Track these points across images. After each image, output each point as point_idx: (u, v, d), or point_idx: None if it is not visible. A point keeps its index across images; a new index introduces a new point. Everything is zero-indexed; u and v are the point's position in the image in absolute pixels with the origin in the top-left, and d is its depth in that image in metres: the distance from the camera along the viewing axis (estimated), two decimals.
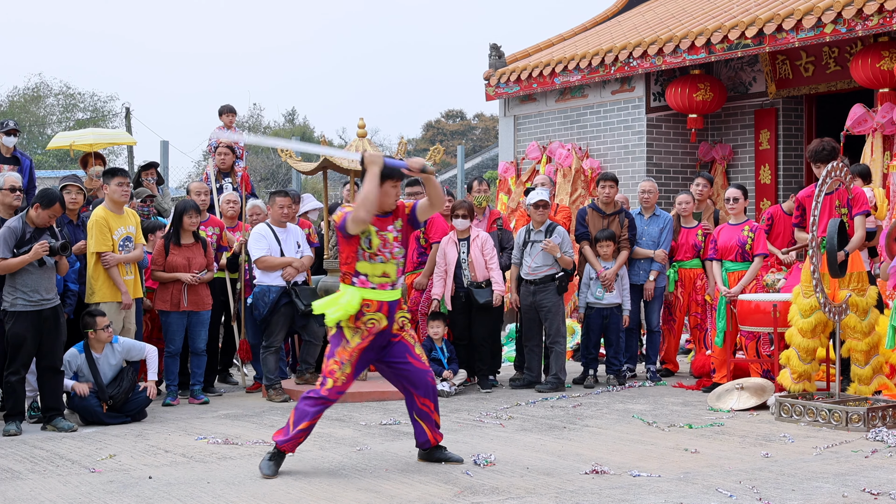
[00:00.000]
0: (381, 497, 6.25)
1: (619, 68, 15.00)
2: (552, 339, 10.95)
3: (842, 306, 8.85)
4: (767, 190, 14.90)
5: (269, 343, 10.22)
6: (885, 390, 9.18)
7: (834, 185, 9.05)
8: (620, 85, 15.60)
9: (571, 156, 15.67)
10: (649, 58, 14.51)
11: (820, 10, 12.29)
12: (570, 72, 15.82)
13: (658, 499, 6.14)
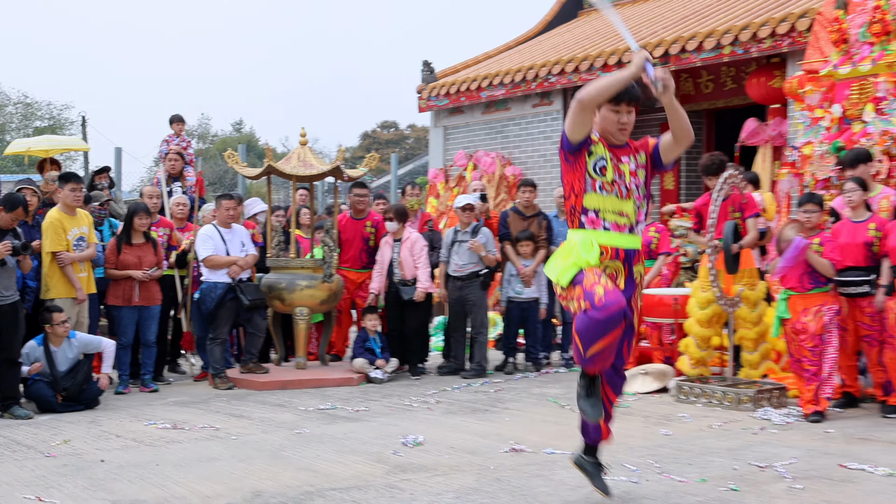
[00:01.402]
0: (318, 476, 6.26)
1: (539, 84, 15.09)
2: (476, 330, 11.01)
3: (735, 299, 9.02)
4: (671, 195, 15.06)
5: (216, 335, 10.17)
6: (771, 374, 9.39)
7: (728, 192, 9.21)
8: (540, 99, 15.68)
9: (495, 163, 15.73)
10: (566, 74, 14.61)
11: (719, 33, 12.49)
12: (494, 87, 15.89)
13: (570, 474, 6.18)
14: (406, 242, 10.91)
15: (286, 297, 10.59)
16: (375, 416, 8.46)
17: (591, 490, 5.79)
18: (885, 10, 9.59)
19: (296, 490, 5.88)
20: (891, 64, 9.45)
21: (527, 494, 5.72)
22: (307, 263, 10.76)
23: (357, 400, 9.33)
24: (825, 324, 8.11)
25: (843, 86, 9.86)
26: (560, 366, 11.46)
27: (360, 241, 11.31)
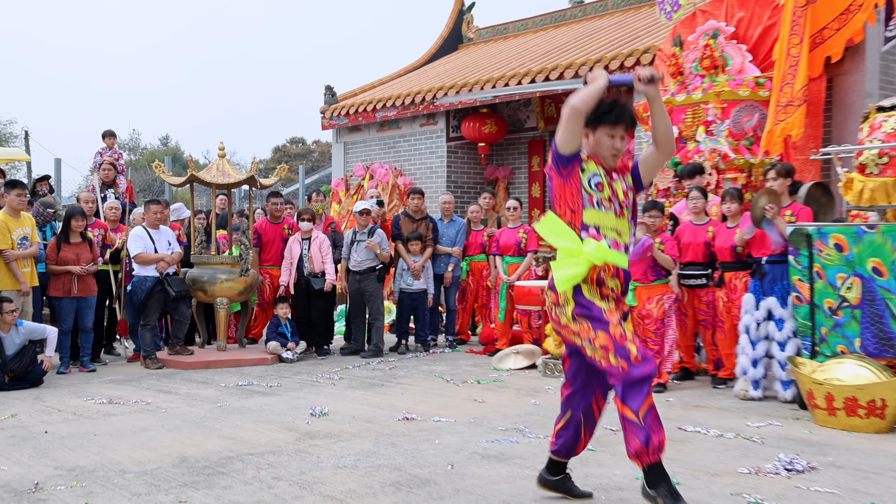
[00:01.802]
0: (237, 443, 6.18)
1: (426, 106, 15.12)
2: (373, 316, 10.99)
3: None
4: (538, 202, 15.25)
5: (146, 322, 10.01)
6: None
7: None
8: (427, 119, 15.72)
9: (389, 174, 15.73)
10: (449, 98, 14.65)
11: (577, 65, 12.68)
12: (388, 108, 15.88)
13: (454, 438, 6.25)
14: (315, 241, 10.87)
15: (208, 289, 10.49)
16: (287, 391, 8.38)
17: (472, 452, 5.84)
18: (713, 49, 9.87)
19: (218, 455, 5.80)
20: (718, 93, 9.71)
21: (417, 456, 5.73)
22: (226, 260, 10.67)
23: (271, 377, 9.24)
24: (665, 310, 8.31)
25: (680, 111, 10.11)
26: (445, 346, 11.51)
27: (279, 242, 11.25)
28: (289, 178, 30.90)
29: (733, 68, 9.82)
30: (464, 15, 19.33)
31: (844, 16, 9.38)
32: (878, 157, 7.08)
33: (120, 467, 5.51)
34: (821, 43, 9.51)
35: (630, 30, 14.11)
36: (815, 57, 9.55)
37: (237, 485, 5.08)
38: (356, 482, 5.11)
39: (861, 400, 6.43)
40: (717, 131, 9.67)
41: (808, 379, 6.78)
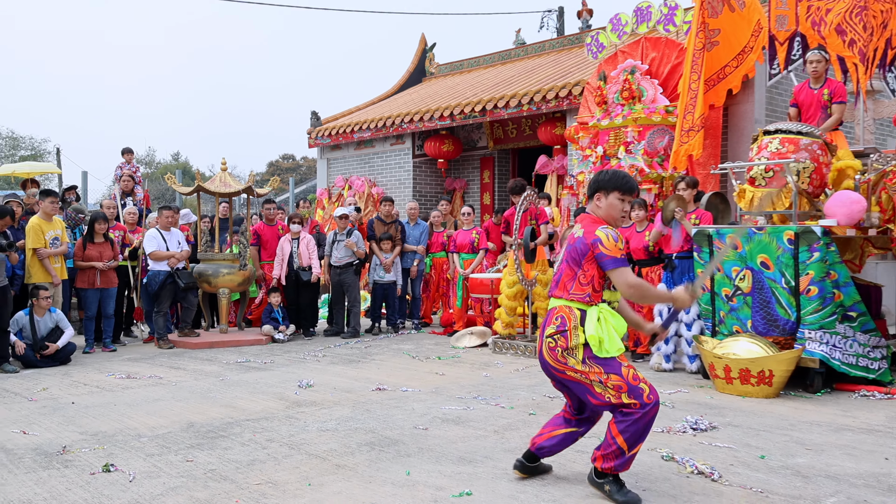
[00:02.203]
0: (236, 410, 6.09)
1: (395, 129, 15.06)
2: (351, 304, 10.92)
3: (532, 280, 9.19)
4: (488, 209, 15.25)
5: (159, 309, 9.86)
6: None
7: (527, 206, 9.36)
8: (396, 140, 15.65)
9: (364, 185, 15.64)
10: (414, 123, 14.63)
11: (520, 95, 12.69)
12: (363, 130, 15.79)
13: (419, 405, 6.21)
14: (303, 240, 10.81)
15: (212, 281, 10.36)
16: (279, 367, 8.28)
17: (434, 416, 5.81)
18: (631, 82, 9.91)
19: (220, 421, 5.70)
20: (635, 119, 9.76)
21: (387, 420, 5.68)
22: (227, 256, 10.54)
23: (265, 355, 9.12)
24: None
25: (604, 133, 10.15)
26: (412, 329, 11.46)
27: (275, 242, 11.14)
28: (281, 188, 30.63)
29: (647, 98, 9.87)
30: (427, 53, 19.29)
31: (741, 55, 9.49)
32: (765, 171, 7.14)
33: (136, 432, 5.40)
34: (724, 78, 9.60)
35: (564, 67, 14.14)
36: (720, 89, 9.63)
37: (236, 446, 5.00)
38: (337, 443, 5.05)
39: (753, 371, 6.48)
40: (634, 150, 9.72)
41: (710, 354, 6.83)
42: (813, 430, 5.32)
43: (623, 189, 4.04)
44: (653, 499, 3.92)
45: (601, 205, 4.08)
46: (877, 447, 4.89)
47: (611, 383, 3.84)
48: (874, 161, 7.65)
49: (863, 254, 7.58)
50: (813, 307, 6.61)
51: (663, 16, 10.19)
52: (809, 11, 8.74)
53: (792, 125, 7.19)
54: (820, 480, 4.21)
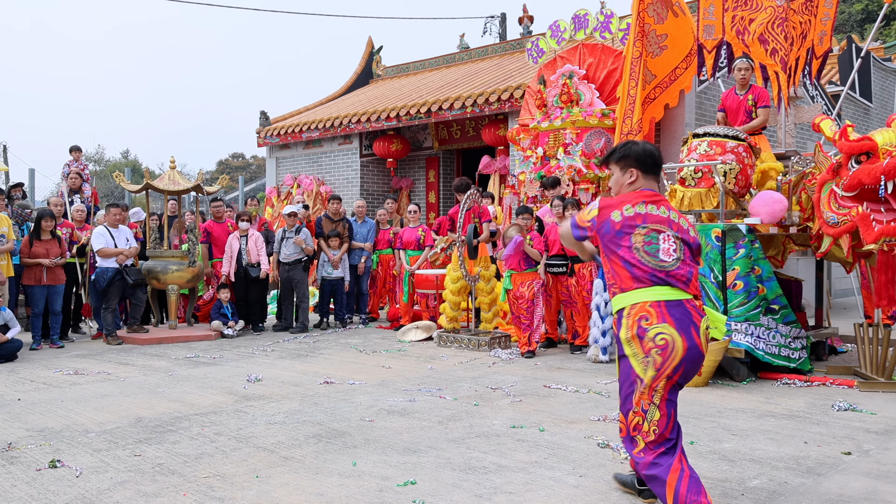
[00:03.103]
0: (185, 405, 5.97)
1: (343, 129, 14.95)
2: (300, 299, 10.82)
3: (475, 276, 9.22)
4: (434, 207, 15.27)
5: (108, 305, 9.61)
6: (500, 326, 9.64)
7: (471, 204, 9.39)
8: (344, 140, 15.54)
9: (313, 184, 15.49)
10: (362, 123, 14.54)
11: (463, 98, 12.71)
12: (312, 130, 15.63)
13: (366, 397, 6.18)
14: (252, 238, 10.66)
15: (161, 278, 10.15)
16: (228, 362, 8.16)
17: (380, 408, 5.78)
18: (570, 86, 10.01)
19: (168, 416, 5.58)
20: (573, 121, 9.86)
21: (335, 412, 5.64)
22: (177, 253, 10.34)
23: (214, 350, 8.98)
24: (535, 292, 8.39)
25: (544, 135, 10.23)
26: (359, 323, 11.40)
27: (224, 239, 10.97)
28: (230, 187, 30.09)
29: (585, 102, 9.98)
30: (374, 55, 19.19)
31: (689, 58, 9.53)
32: (695, 172, 7.28)
33: (84, 428, 5.26)
34: (676, 79, 9.65)
35: (505, 70, 14.22)
36: (673, 90, 9.68)
37: (184, 440, 4.90)
38: (284, 435, 5.00)
39: None
40: (573, 151, 9.82)
41: None
42: (739, 417, 5.45)
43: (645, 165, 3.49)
44: (588, 484, 3.96)
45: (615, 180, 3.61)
46: (797, 432, 5.03)
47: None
48: (795, 163, 7.88)
49: (784, 250, 7.78)
50: (739, 301, 6.76)
51: (600, 23, 10.32)
52: (734, 21, 8.93)
53: (719, 129, 7.35)
54: (745, 464, 4.32)
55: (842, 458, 4.42)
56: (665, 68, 9.61)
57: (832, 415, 5.51)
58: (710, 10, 9.13)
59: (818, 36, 8.34)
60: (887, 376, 6.47)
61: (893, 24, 28.27)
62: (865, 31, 27.74)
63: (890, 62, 17.40)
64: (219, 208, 11.25)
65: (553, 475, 4.10)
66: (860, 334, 6.76)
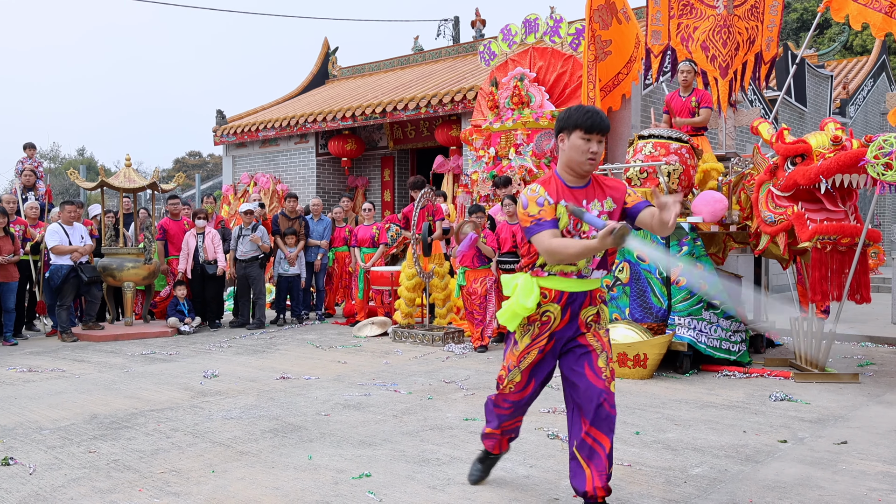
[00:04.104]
0: (141, 401, 5.85)
1: (300, 128, 14.81)
2: (257, 296, 10.69)
3: (430, 273, 9.21)
4: (388, 205, 15.22)
5: (62, 303, 9.39)
6: (454, 322, 9.64)
7: (425, 203, 9.37)
8: (300, 139, 15.40)
9: (269, 182, 15.33)
10: (318, 123, 14.42)
11: (417, 98, 12.70)
12: (268, 129, 15.45)
13: (322, 392, 6.14)
14: (208, 235, 10.50)
15: (117, 275, 9.94)
16: (184, 358, 8.02)
17: (336, 403, 5.75)
18: (521, 89, 10.06)
19: (124, 412, 5.47)
20: (524, 122, 9.92)
21: (291, 407, 5.59)
22: (132, 250, 10.13)
23: (171, 347, 8.82)
24: (488, 288, 8.42)
25: (496, 136, 10.26)
26: (315, 320, 11.31)
27: (181, 236, 10.78)
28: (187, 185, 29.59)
29: (535, 104, 10.04)
30: (329, 56, 19.05)
31: (629, 63, 9.71)
32: (640, 172, 7.38)
33: (37, 425, 5.12)
34: (618, 84, 9.79)
35: (459, 72, 14.24)
36: (616, 95, 9.80)
37: (140, 436, 4.81)
38: (241, 430, 4.93)
39: (630, 354, 6.70)
40: (524, 152, 9.87)
41: None
42: (682, 408, 5.54)
43: (585, 126, 3.22)
44: (538, 474, 3.99)
45: (564, 147, 3.30)
46: (736, 421, 5.13)
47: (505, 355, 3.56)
48: (734, 164, 8.04)
49: (725, 247, 7.94)
50: (682, 296, 6.87)
51: (549, 28, 10.39)
52: (679, 28, 9.08)
53: (664, 131, 7.45)
54: (687, 453, 4.39)
55: (778, 446, 4.52)
56: (609, 73, 9.72)
57: (769, 405, 5.64)
58: (658, 16, 9.27)
59: (765, 42, 8.51)
60: (821, 367, 6.64)
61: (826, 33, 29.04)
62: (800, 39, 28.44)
63: (823, 69, 17.87)
64: (175, 206, 11.06)
65: (504, 466, 4.11)
66: (796, 328, 6.92)
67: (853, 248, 6.34)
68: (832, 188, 6.15)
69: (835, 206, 6.21)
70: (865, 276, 6.56)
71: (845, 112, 18.03)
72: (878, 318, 10.02)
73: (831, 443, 4.59)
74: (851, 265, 6.38)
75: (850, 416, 5.30)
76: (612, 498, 3.62)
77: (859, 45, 27.36)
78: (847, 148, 6.06)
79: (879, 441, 4.64)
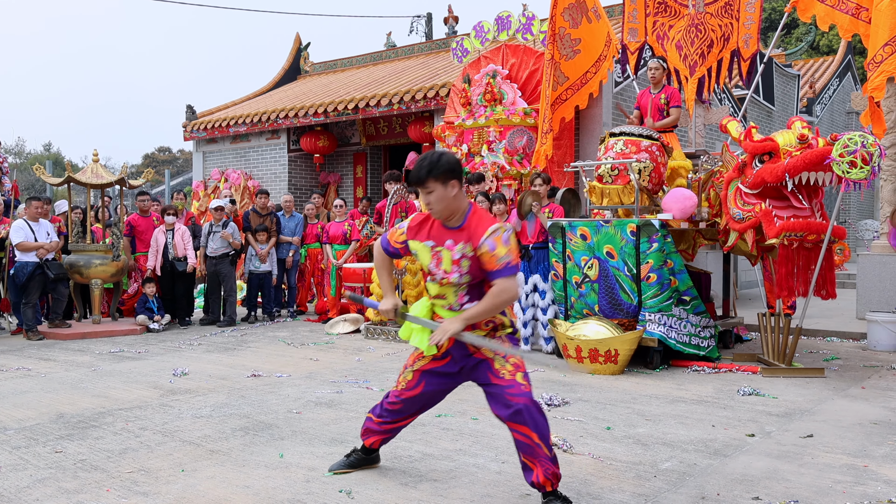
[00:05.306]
0: (109, 400, 5.77)
1: (271, 124, 14.69)
2: (227, 293, 10.59)
3: (402, 270, 9.17)
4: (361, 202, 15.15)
5: (28, 300, 9.22)
6: None
7: (398, 199, 9.36)
8: (272, 135, 15.27)
9: (240, 178, 15.19)
10: (289, 119, 14.32)
11: (390, 95, 12.65)
12: (239, 125, 15.31)
13: (293, 390, 6.10)
14: (178, 232, 10.38)
15: (84, 272, 9.78)
16: (153, 356, 7.93)
17: (307, 400, 5.71)
18: (493, 86, 10.07)
19: (91, 411, 5.39)
20: (497, 119, 9.92)
21: (262, 405, 5.55)
22: (100, 247, 9.98)
23: (140, 345, 8.71)
24: None
25: (469, 133, 10.26)
26: (287, 317, 11.24)
27: (150, 233, 10.64)
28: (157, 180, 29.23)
29: (508, 101, 10.05)
30: (301, 52, 18.92)
31: (598, 63, 9.77)
32: (612, 170, 7.43)
33: (2, 425, 5.02)
34: (586, 83, 9.84)
35: (431, 69, 14.21)
36: (583, 93, 9.84)
37: (108, 435, 4.74)
38: (211, 429, 4.88)
39: (601, 350, 6.74)
40: (496, 149, 9.88)
41: (563, 335, 7.05)
42: (652, 403, 5.59)
43: (410, 182, 3.49)
44: (510, 469, 4.00)
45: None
46: (705, 416, 5.19)
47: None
48: (704, 162, 8.12)
49: (695, 244, 8.02)
50: (652, 292, 6.93)
51: (522, 25, 10.41)
52: (655, 26, 9.16)
53: (634, 128, 7.50)
54: (657, 447, 4.43)
55: (746, 440, 4.58)
56: (577, 71, 9.78)
57: (738, 399, 5.71)
58: (634, 13, 9.33)
59: (743, 39, 8.59)
60: (787, 362, 6.74)
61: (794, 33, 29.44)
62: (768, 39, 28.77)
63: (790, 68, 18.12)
64: (144, 202, 10.92)
65: (476, 462, 4.12)
66: (763, 323, 7.02)
67: (819, 244, 6.44)
68: (799, 186, 6.24)
69: (801, 204, 6.30)
70: (831, 272, 6.67)
71: (812, 111, 18.31)
72: (843, 313, 10.19)
73: (798, 436, 4.66)
74: (817, 262, 6.48)
75: (816, 409, 5.38)
76: (584, 492, 3.64)
77: (825, 45, 27.79)
78: (813, 146, 6.15)
79: (844, 434, 4.72)
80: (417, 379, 3.69)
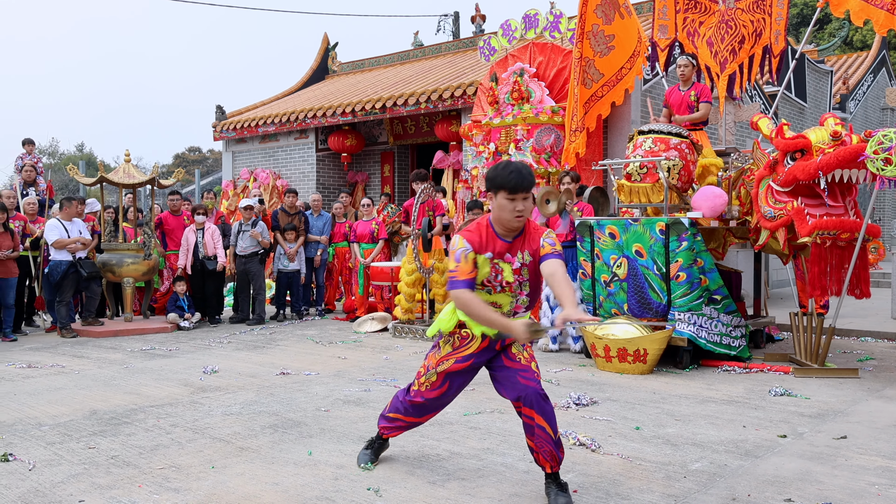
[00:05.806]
0: (140, 397, 5.85)
1: (299, 124, 14.78)
2: (257, 291, 10.68)
3: (430, 269, 9.20)
4: (388, 201, 15.17)
5: (61, 299, 9.38)
6: None
7: (425, 198, 9.37)
8: (300, 134, 15.37)
9: (269, 177, 15.30)
10: (318, 118, 14.39)
11: (417, 94, 12.66)
12: (268, 125, 15.43)
13: (322, 388, 6.13)
14: (208, 231, 10.50)
15: (116, 271, 9.93)
16: (184, 354, 8.02)
17: (335, 398, 5.74)
18: (521, 84, 10.03)
19: (123, 408, 5.46)
20: (524, 118, 9.89)
21: (291, 403, 5.58)
22: (132, 246, 10.12)
23: (170, 342, 8.81)
24: None
25: (496, 131, 10.24)
26: (315, 315, 11.30)
27: (181, 232, 10.79)
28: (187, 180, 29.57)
29: (535, 99, 10.02)
30: (329, 51, 19.01)
31: (633, 58, 9.67)
32: (640, 168, 7.37)
33: (37, 421, 5.11)
34: (622, 79, 9.74)
35: (458, 68, 14.20)
36: (619, 89, 9.75)
37: (139, 432, 4.80)
38: (241, 426, 4.92)
39: (629, 350, 6.69)
40: (524, 147, 9.85)
41: (591, 335, 7.01)
42: (681, 403, 5.54)
43: (508, 187, 3.36)
44: (538, 469, 3.98)
45: (493, 206, 3.47)
46: (736, 416, 5.13)
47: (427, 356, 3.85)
48: (734, 160, 8.02)
49: (725, 243, 7.93)
50: (682, 291, 6.87)
51: (549, 23, 10.36)
52: (685, 23, 9.07)
53: (663, 126, 7.44)
54: (687, 448, 4.39)
55: (778, 441, 4.52)
56: (612, 67, 9.68)
57: (769, 400, 5.64)
58: (664, 10, 9.25)
59: (774, 35, 8.48)
60: (820, 363, 6.64)
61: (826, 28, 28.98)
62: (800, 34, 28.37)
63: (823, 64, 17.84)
64: (175, 201, 11.06)
65: (504, 461, 4.11)
66: (795, 323, 6.92)
67: (853, 243, 6.33)
68: (831, 183, 6.14)
69: (834, 202, 6.20)
70: (865, 271, 6.55)
71: (845, 107, 18.01)
72: (877, 313, 10.02)
73: (831, 437, 4.59)
74: (851, 260, 6.37)
75: (850, 410, 5.29)
76: (612, 492, 3.62)
77: (859, 41, 27.33)
78: (846, 143, 6.05)
79: (879, 436, 4.64)
80: (441, 380, 3.76)
